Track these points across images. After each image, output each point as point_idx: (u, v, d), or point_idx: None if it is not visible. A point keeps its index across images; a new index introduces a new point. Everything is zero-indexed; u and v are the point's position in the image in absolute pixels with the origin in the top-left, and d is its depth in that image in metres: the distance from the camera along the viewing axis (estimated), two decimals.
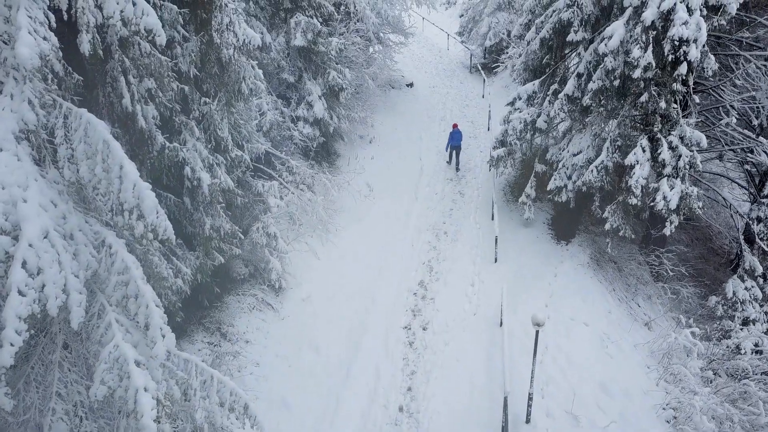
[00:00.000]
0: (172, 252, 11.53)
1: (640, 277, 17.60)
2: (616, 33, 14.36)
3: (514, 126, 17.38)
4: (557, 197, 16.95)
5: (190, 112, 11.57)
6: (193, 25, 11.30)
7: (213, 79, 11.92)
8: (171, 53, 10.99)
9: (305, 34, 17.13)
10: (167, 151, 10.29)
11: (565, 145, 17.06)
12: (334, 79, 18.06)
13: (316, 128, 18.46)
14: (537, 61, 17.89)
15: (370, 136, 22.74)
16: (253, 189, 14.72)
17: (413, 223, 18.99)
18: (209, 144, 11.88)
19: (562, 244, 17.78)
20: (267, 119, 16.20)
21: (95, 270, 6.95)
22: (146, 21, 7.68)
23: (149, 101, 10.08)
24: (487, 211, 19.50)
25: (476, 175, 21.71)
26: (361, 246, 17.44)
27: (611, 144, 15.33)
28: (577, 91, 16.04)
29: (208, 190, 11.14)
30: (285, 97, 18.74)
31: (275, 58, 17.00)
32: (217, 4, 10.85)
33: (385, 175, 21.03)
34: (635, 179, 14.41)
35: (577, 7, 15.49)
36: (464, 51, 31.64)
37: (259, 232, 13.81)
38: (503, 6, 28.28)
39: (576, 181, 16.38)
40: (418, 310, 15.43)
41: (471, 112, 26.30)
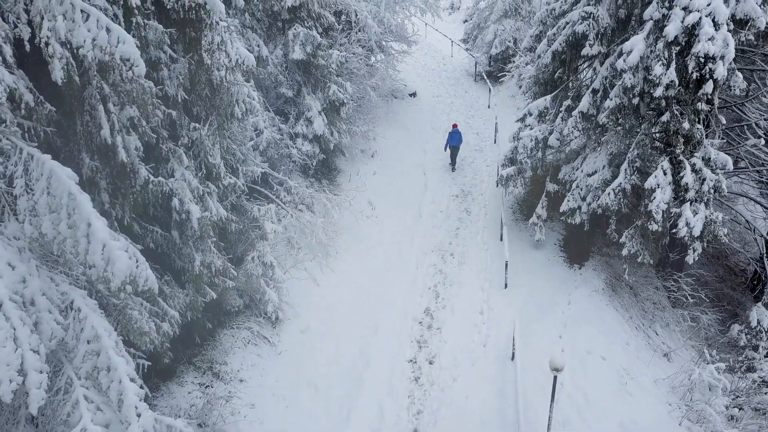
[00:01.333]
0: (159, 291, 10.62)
1: (658, 303, 16.69)
2: (636, 48, 13.45)
3: (525, 144, 16.46)
4: (570, 219, 16.05)
5: (179, 138, 10.67)
6: (181, 44, 10.38)
7: (203, 102, 11.01)
8: (157, 75, 10.08)
9: (304, 46, 16.21)
10: (151, 186, 9.38)
11: (578, 164, 16.14)
12: (335, 93, 17.14)
13: (315, 145, 17.55)
14: (548, 75, 16.97)
15: (372, 149, 21.82)
16: (249, 214, 13.82)
17: (418, 243, 18.08)
18: (199, 172, 10.97)
19: (575, 267, 16.87)
20: (264, 138, 15.29)
21: (62, 338, 6.04)
22: (122, 50, 6.78)
23: (131, 131, 9.17)
24: (495, 230, 18.59)
25: (483, 191, 20.80)
26: (364, 270, 16.52)
27: (629, 165, 14.42)
28: (592, 108, 15.16)
29: (197, 224, 10.23)
30: (283, 112, 17.83)
31: (272, 72, 16.09)
32: (207, 23, 9.93)
33: (388, 191, 20.11)
34: (656, 204, 13.50)
35: (593, 19, 14.58)
36: (468, 58, 30.72)
37: (255, 261, 12.91)
38: (509, 13, 27.35)
39: (591, 203, 15.48)
40: (424, 342, 14.53)
41: (476, 123, 25.37)
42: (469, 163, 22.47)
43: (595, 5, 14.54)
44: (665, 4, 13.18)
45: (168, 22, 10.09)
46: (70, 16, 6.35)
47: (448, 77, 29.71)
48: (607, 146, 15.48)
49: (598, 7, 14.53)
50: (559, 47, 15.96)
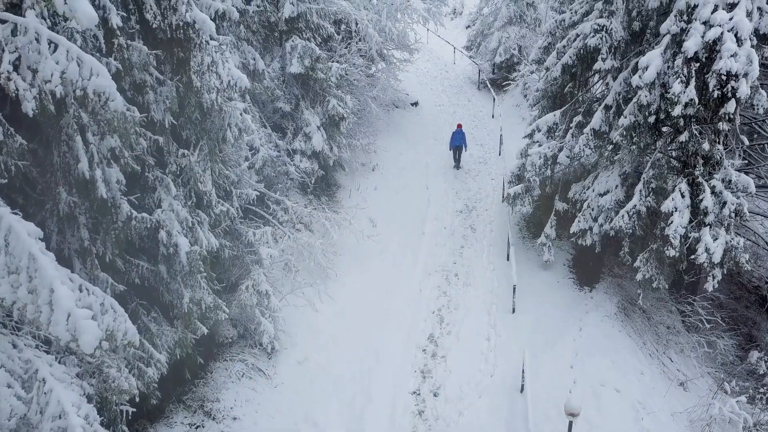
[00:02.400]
0: (145, 329, 9.89)
1: (672, 327, 15.95)
2: (653, 64, 12.72)
3: (533, 161, 15.73)
4: (581, 240, 15.33)
5: (166, 166, 9.94)
6: (169, 65, 9.66)
7: (193, 126, 10.28)
8: (142, 99, 9.35)
9: (302, 60, 15.48)
10: (135, 222, 8.65)
11: (590, 183, 15.42)
12: (335, 108, 16.41)
13: (314, 161, 16.81)
14: (557, 87, 16.25)
15: (372, 163, 21.09)
16: (243, 238, 13.08)
17: (421, 263, 17.35)
18: (189, 201, 10.24)
19: (586, 290, 16.14)
20: (259, 156, 14.56)
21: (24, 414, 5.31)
22: (96, 83, 6.05)
23: (113, 162, 8.45)
24: (501, 248, 17.86)
25: (488, 206, 20.07)
26: (365, 293, 15.79)
27: (644, 186, 13.70)
28: (605, 125, 14.45)
29: (186, 258, 9.50)
30: (280, 127, 17.10)
31: (269, 86, 15.36)
32: (196, 43, 9.21)
33: (390, 207, 19.38)
34: (673, 228, 12.78)
35: (605, 32, 13.85)
36: (471, 65, 29.98)
37: (249, 290, 12.18)
38: (514, 20, 26.59)
39: (603, 225, 14.77)
40: (428, 371, 13.80)
41: (480, 134, 24.63)
42: (473, 176, 21.74)
43: (608, 18, 13.81)
44: (683, 17, 12.47)
45: (154, 41, 9.38)
46: (35, 48, 5.64)
47: (451, 85, 28.98)
48: (620, 165, 14.75)
49: (612, 20, 13.80)
50: (570, 60, 15.24)
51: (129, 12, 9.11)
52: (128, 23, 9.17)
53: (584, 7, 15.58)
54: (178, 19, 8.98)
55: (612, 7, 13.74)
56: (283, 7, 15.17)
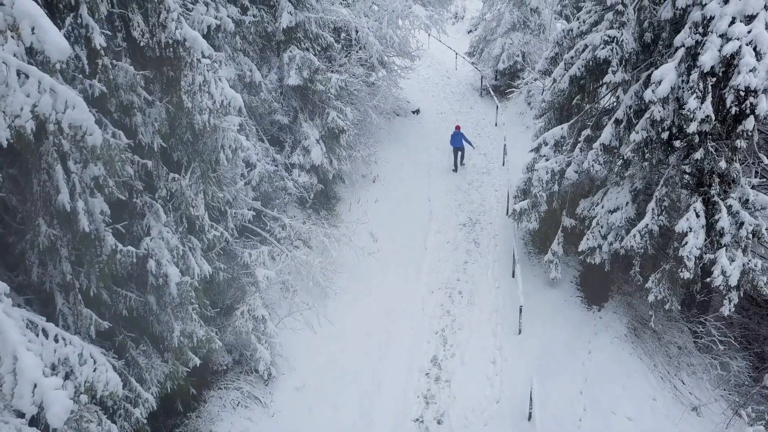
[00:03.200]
0: (134, 362, 9.35)
1: (683, 347, 15.40)
2: (666, 78, 12.16)
3: (540, 176, 15.18)
4: (590, 258, 14.77)
5: (156, 190, 9.39)
6: (158, 84, 9.11)
7: (185, 147, 9.74)
8: (129, 121, 8.81)
9: (300, 71, 14.93)
10: (120, 256, 8.10)
11: (599, 200, 14.86)
12: (334, 120, 15.86)
13: (313, 175, 16.26)
14: (564, 99, 15.70)
15: (373, 174, 20.54)
16: (239, 259, 12.53)
17: (424, 279, 16.79)
18: (180, 227, 9.69)
19: (594, 309, 15.59)
20: (256, 172, 14.01)
21: None
22: (72, 116, 5.52)
23: (96, 191, 7.89)
24: (506, 264, 17.31)
25: (491, 219, 19.51)
26: (365, 312, 15.24)
27: (657, 204, 13.15)
28: (615, 140, 13.88)
29: (176, 290, 8.96)
30: (278, 140, 16.54)
31: (266, 98, 14.80)
32: (186, 61, 8.66)
33: (391, 220, 18.83)
34: (688, 250, 12.22)
35: (616, 44, 13.29)
36: (474, 71, 29.41)
37: (244, 316, 11.64)
38: (518, 26, 26.01)
39: (613, 243, 14.22)
40: (432, 397, 13.25)
41: (483, 143, 24.06)
42: (476, 187, 21.18)
43: (619, 29, 13.25)
44: (698, 30, 11.92)
45: (143, 60, 8.84)
46: (2, 79, 5.10)
47: (453, 92, 28.42)
48: (631, 181, 14.20)
49: (623, 31, 13.25)
50: (578, 72, 14.69)
51: (115, 29, 8.57)
52: (114, 41, 8.63)
53: (593, 16, 15.05)
54: (168, 36, 8.45)
55: (623, 18, 13.19)
56: (281, 17, 14.62)
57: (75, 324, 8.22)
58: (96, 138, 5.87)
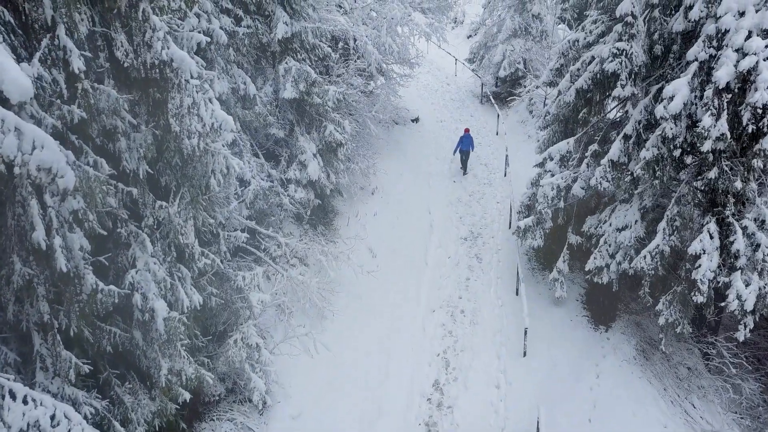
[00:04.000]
0: (119, 401, 8.79)
1: (693, 368, 14.87)
2: (679, 94, 11.64)
3: (545, 192, 14.65)
4: (597, 278, 14.26)
5: (142, 219, 8.83)
6: (144, 106, 8.56)
7: (173, 172, 9.18)
8: (113, 147, 8.25)
9: (297, 84, 14.37)
10: (101, 296, 7.53)
11: (606, 217, 14.34)
12: (332, 134, 15.29)
13: (310, 190, 15.69)
14: (569, 111, 15.18)
15: (372, 186, 19.99)
16: (232, 283, 11.96)
17: (424, 297, 16.25)
18: (168, 256, 9.13)
19: (601, 330, 15.06)
20: (250, 189, 13.46)
21: None
22: (40, 158, 4.98)
23: (75, 226, 7.33)
24: (509, 280, 16.78)
25: (494, 232, 18.97)
26: (364, 334, 14.69)
27: (668, 224, 12.63)
28: (623, 156, 13.36)
29: (164, 326, 8.40)
30: (273, 154, 15.97)
31: (261, 112, 14.23)
32: (174, 83, 8.11)
33: (390, 235, 18.29)
34: (702, 273, 11.71)
35: (625, 57, 12.75)
36: (474, 77, 28.89)
37: (238, 345, 11.07)
38: (519, 32, 25.46)
39: (621, 263, 13.70)
40: (434, 424, 12.71)
41: (484, 153, 23.53)
42: (477, 199, 20.65)
43: (629, 41, 12.72)
44: (713, 43, 11.41)
45: (128, 81, 8.29)
46: None
47: (452, 99, 27.88)
48: (640, 198, 13.69)
49: (632, 44, 12.72)
50: (585, 85, 14.16)
51: (97, 49, 8.01)
52: (96, 61, 8.07)
53: (599, 27, 14.52)
54: (153, 57, 7.89)
55: (632, 29, 12.66)
56: (276, 27, 14.06)
57: (54, 366, 7.67)
58: (68, 180, 5.32)
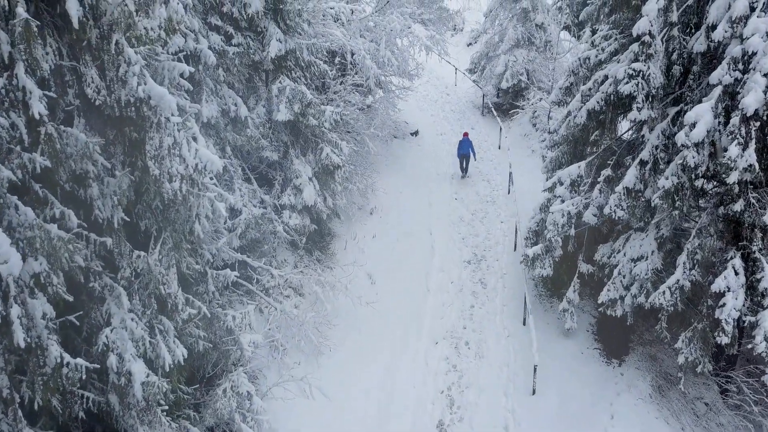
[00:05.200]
0: None
1: (711, 404, 14.07)
2: (702, 120, 10.83)
3: (555, 220, 13.83)
4: (610, 310, 13.47)
5: (118, 270, 7.95)
6: (120, 146, 7.69)
7: (153, 215, 8.31)
8: (84, 193, 7.38)
9: (291, 104, 13.51)
10: (67, 371, 6.66)
11: (620, 246, 13.53)
12: (328, 157, 14.44)
13: (305, 216, 14.84)
14: (581, 132, 14.38)
15: (370, 205, 19.15)
16: (222, 323, 11.11)
17: (426, 328, 15.40)
18: (148, 309, 8.26)
19: (614, 364, 14.24)
20: (242, 219, 12.60)
21: None
22: None
23: (38, 291, 6.45)
24: (516, 308, 15.95)
25: (498, 254, 18.14)
26: (363, 370, 13.82)
27: (689, 258, 11.81)
28: (639, 183, 12.55)
29: (141, 392, 7.53)
30: (267, 178, 15.11)
31: (253, 135, 13.37)
32: (152, 122, 7.25)
33: (390, 258, 17.45)
34: (727, 312, 10.91)
35: (642, 79, 11.93)
36: (474, 87, 28.07)
37: (227, 394, 10.21)
38: (522, 43, 24.63)
39: (637, 296, 12.89)
40: None
41: (486, 168, 22.71)
42: (480, 218, 19.82)
43: (646, 62, 11.90)
44: (738, 66, 10.61)
45: (100, 119, 7.42)
46: None
47: (453, 110, 27.05)
48: (657, 227, 12.88)
49: (650, 65, 11.89)
50: (597, 106, 13.35)
51: (65, 85, 7.14)
52: (64, 98, 7.20)
53: (612, 44, 13.71)
54: (129, 94, 7.04)
55: (650, 49, 11.83)
56: (269, 45, 13.19)
57: None
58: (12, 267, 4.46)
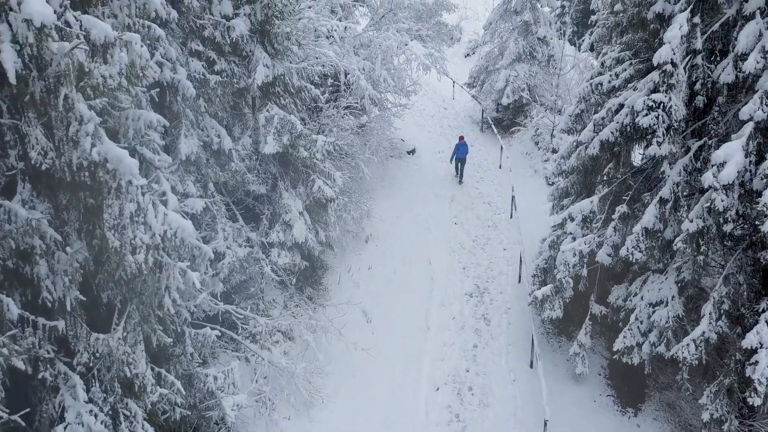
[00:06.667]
0: None
1: None
2: (732, 161, 9.80)
3: (566, 259, 12.80)
4: (626, 358, 12.45)
5: (74, 355, 6.84)
6: (75, 211, 6.58)
7: (117, 286, 7.20)
8: (30, 271, 6.27)
9: (280, 136, 12.42)
10: None
11: (637, 289, 12.52)
12: (320, 190, 13.35)
13: (296, 253, 13.74)
14: (592, 163, 13.36)
15: (366, 233, 18.07)
16: (202, 384, 10.02)
17: (426, 371, 14.33)
18: (112, 395, 7.15)
19: (630, 413, 13.24)
20: (225, 263, 11.51)
21: None
22: None
23: None
24: (522, 348, 14.89)
25: (502, 286, 17.09)
26: (358, 422, 12.74)
27: (715, 308, 10.80)
28: (659, 223, 11.54)
29: None
30: (253, 212, 14.01)
31: (238, 169, 12.26)
32: (110, 187, 6.15)
33: (387, 292, 16.37)
34: (760, 372, 9.87)
35: (663, 111, 10.90)
36: (473, 101, 27.03)
37: None
38: (523, 57, 23.59)
39: (656, 344, 11.88)
40: None
41: (487, 189, 21.66)
42: (482, 245, 18.77)
43: (667, 92, 10.86)
44: None
45: (49, 183, 6.31)
46: None
47: (450, 125, 25.99)
48: (678, 271, 11.87)
49: (671, 95, 10.86)
50: (611, 137, 12.32)
51: (6, 146, 6.04)
52: (5, 161, 6.09)
53: (628, 70, 12.68)
54: (81, 157, 5.93)
55: (672, 79, 10.80)
56: (255, 71, 12.09)
57: None
58: None
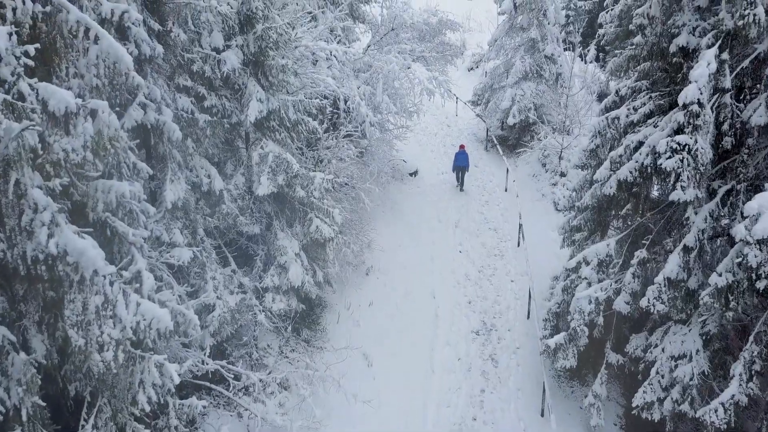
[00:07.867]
0: None
1: None
2: (766, 213, 8.99)
3: (581, 307, 11.98)
4: (646, 413, 11.62)
5: None
6: (33, 303, 5.75)
7: (86, 378, 6.37)
8: None
9: (275, 175, 11.60)
10: None
11: (657, 340, 11.69)
12: (318, 230, 12.53)
13: (292, 296, 12.90)
14: (608, 202, 12.55)
15: (366, 264, 17.24)
16: None
17: (431, 420, 13.45)
18: None
19: None
20: (215, 316, 10.69)
21: None
22: None
23: None
24: (532, 394, 14.04)
25: (510, 323, 16.25)
26: None
27: (746, 368, 9.96)
28: (683, 273, 10.72)
29: None
30: (246, 253, 13.18)
31: (230, 212, 11.44)
32: (71, 280, 5.31)
33: (389, 331, 15.53)
34: None
35: (688, 154, 10.07)
36: (477, 118, 26.21)
37: None
38: (530, 75, 22.76)
39: (680, 402, 11.05)
40: None
41: (492, 214, 20.83)
42: (488, 276, 17.94)
43: (692, 134, 10.04)
44: None
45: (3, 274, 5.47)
46: None
47: (454, 144, 25.09)
48: (703, 323, 11.04)
49: (697, 137, 10.03)
50: (629, 176, 11.51)
51: None
52: None
53: (647, 105, 11.85)
54: (36, 250, 5.09)
55: (698, 120, 9.98)
56: (248, 106, 11.27)
57: None
58: None
